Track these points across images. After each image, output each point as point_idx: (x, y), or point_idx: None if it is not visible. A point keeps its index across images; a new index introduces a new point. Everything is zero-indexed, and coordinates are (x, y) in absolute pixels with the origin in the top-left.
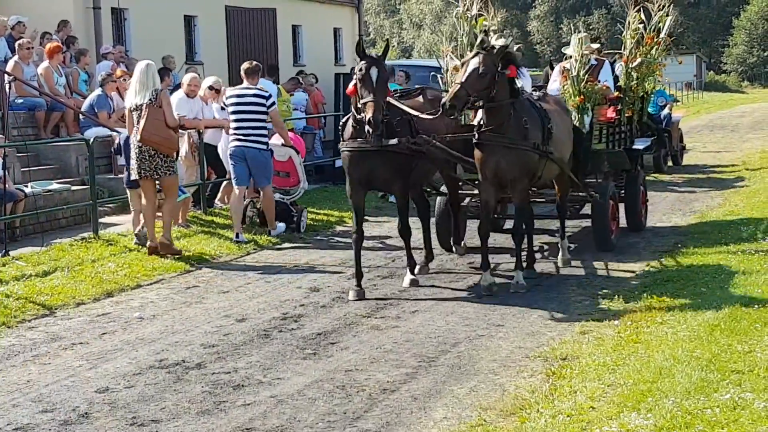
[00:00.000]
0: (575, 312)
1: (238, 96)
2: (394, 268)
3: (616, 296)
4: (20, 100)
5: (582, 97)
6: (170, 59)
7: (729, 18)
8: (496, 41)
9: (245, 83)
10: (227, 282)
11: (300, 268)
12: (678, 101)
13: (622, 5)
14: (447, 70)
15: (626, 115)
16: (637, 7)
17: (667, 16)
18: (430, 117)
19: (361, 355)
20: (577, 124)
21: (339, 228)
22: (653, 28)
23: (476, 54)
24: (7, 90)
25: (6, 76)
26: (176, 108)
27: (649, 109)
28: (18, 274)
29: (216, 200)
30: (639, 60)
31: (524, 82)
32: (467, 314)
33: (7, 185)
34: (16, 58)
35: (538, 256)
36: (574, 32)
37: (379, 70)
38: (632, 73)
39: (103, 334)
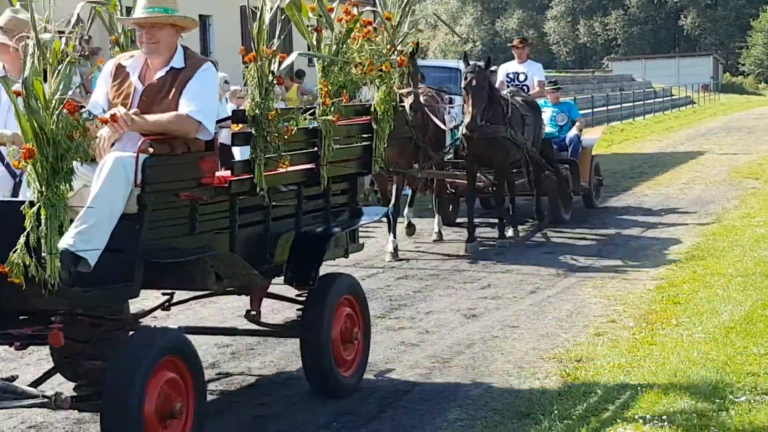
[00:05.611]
0: (590, 314)
1: None
2: (408, 269)
3: (631, 298)
4: None
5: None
6: None
7: (747, 20)
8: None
9: None
10: None
11: None
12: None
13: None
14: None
15: (283, 166)
16: None
17: None
18: None
19: (375, 355)
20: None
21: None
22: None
23: None
24: None
25: None
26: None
27: (548, 129)
28: None
29: None
30: (292, 58)
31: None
32: (482, 315)
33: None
34: None
35: None
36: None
37: None
38: (264, 83)
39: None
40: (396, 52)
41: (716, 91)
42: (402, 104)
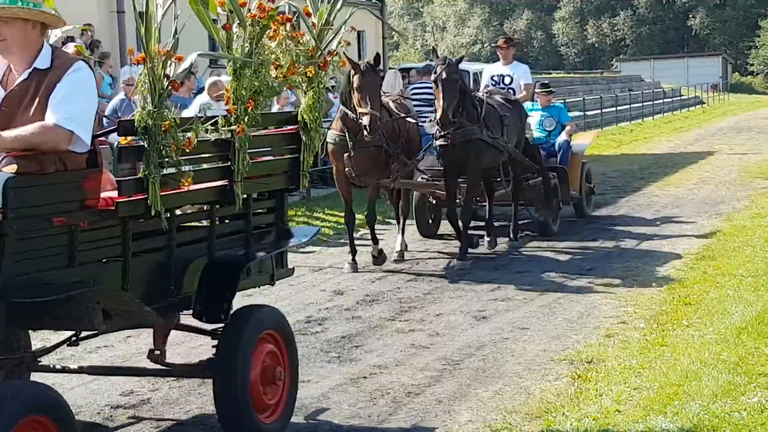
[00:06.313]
0: (600, 315)
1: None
2: (418, 271)
3: (642, 299)
4: None
5: None
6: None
7: (755, 19)
8: None
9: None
10: None
11: (324, 270)
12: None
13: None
14: None
15: (186, 184)
16: None
17: None
18: None
19: (385, 358)
20: None
21: (362, 231)
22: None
23: None
24: None
25: None
26: (200, 112)
27: (536, 134)
28: None
29: None
30: (191, 59)
31: None
32: (492, 317)
33: None
34: None
35: None
36: None
37: None
38: (157, 88)
39: (128, 337)
40: (322, 53)
41: (725, 91)
42: (361, 121)
